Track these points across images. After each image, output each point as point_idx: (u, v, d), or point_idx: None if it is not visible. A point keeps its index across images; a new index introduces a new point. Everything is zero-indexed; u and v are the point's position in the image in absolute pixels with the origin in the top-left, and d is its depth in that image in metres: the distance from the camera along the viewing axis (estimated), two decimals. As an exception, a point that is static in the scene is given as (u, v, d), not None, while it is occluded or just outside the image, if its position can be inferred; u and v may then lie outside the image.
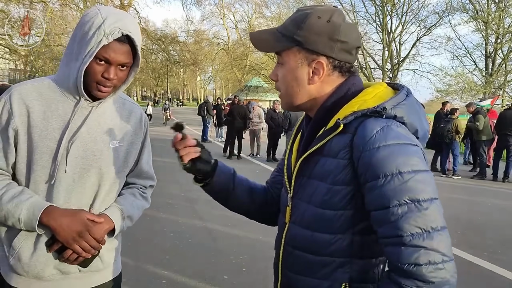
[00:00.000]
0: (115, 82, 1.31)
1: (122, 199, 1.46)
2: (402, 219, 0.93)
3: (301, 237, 1.11)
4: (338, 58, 1.08)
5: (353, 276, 1.06)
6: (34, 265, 1.30)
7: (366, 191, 0.99)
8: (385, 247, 0.97)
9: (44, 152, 1.28)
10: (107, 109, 1.39)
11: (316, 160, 1.08)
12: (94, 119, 1.35)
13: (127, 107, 1.47)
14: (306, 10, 1.10)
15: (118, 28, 1.24)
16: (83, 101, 1.33)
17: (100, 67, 1.27)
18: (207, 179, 1.28)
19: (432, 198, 0.95)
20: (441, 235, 0.93)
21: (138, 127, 1.48)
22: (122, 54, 1.27)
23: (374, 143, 0.97)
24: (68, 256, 1.29)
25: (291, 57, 1.10)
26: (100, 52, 1.24)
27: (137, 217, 1.50)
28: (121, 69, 1.30)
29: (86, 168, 1.33)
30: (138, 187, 1.55)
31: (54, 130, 1.30)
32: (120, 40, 1.25)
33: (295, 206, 1.14)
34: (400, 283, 0.93)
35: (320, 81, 1.10)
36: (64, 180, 1.30)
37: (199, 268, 3.97)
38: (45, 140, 1.29)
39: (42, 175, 1.29)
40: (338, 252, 1.06)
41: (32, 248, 1.30)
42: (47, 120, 1.29)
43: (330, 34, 1.06)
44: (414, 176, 0.95)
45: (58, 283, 1.35)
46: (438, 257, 0.91)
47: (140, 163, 1.53)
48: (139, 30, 1.32)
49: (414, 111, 1.08)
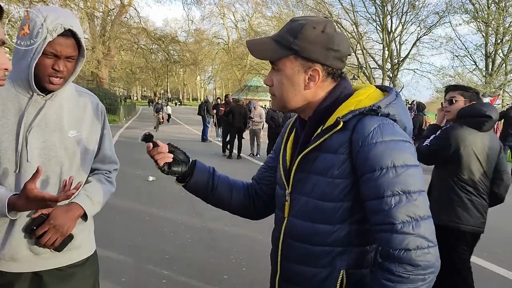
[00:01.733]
0: (65, 74, 1.42)
1: (90, 186, 1.58)
2: (394, 208, 1.03)
3: (301, 229, 1.18)
4: (331, 65, 1.17)
5: (350, 263, 1.14)
6: (8, 249, 1.42)
7: (363, 182, 1.08)
8: (378, 233, 1.07)
9: (7, 146, 1.40)
10: (63, 102, 1.50)
11: (315, 156, 1.16)
12: (51, 111, 1.46)
13: (82, 98, 1.59)
14: (300, 21, 1.17)
15: (60, 24, 1.34)
16: (36, 96, 1.43)
17: (49, 60, 1.37)
18: (187, 178, 1.36)
19: (421, 190, 1.06)
20: (426, 223, 1.04)
21: (95, 116, 1.60)
22: (67, 47, 1.39)
23: (372, 139, 1.07)
24: (46, 240, 1.42)
25: (287, 65, 1.17)
26: (47, 48, 1.35)
27: (105, 201, 1.63)
28: (69, 60, 1.42)
29: (47, 158, 1.45)
30: (103, 173, 1.67)
31: (13, 124, 1.41)
32: (63, 35, 1.37)
33: (294, 201, 1.21)
34: (392, 270, 1.03)
35: (315, 86, 1.19)
36: (28, 170, 1.39)
37: (199, 268, 3.97)
38: (6, 135, 1.40)
39: (8, 167, 1.41)
40: (337, 242, 1.14)
41: (4, 232, 1.42)
42: (5, 117, 1.41)
43: (324, 44, 1.14)
44: (406, 170, 1.05)
45: (32, 263, 1.47)
46: (424, 243, 1.02)
47: (103, 149, 1.65)
48: (79, 23, 1.43)
49: (403, 109, 1.18)
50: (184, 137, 17.56)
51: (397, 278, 1.02)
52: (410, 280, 1.01)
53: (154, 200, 6.28)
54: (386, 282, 1.03)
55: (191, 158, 1.39)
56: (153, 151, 1.30)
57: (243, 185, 1.45)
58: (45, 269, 1.49)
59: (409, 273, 1.01)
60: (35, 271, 1.48)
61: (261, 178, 1.44)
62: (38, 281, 1.49)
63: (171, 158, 1.31)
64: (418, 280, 1.01)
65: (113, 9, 25.93)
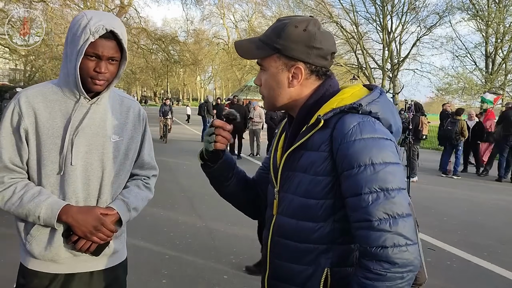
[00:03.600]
0: (108, 76, 1.44)
1: (127, 192, 1.58)
2: (372, 205, 1.03)
3: (287, 226, 1.20)
4: (314, 63, 1.18)
5: (334, 262, 1.15)
6: (49, 250, 1.45)
7: (343, 179, 1.09)
8: (356, 231, 1.07)
9: (52, 149, 1.43)
10: (107, 106, 1.52)
11: (300, 155, 1.17)
12: (95, 115, 1.48)
13: (125, 103, 1.60)
14: (284, 21, 1.20)
15: (102, 25, 1.37)
16: (82, 99, 1.45)
17: (91, 62, 1.40)
18: (213, 162, 1.37)
19: (400, 188, 1.06)
20: (405, 221, 1.03)
21: (137, 122, 1.61)
22: (109, 48, 1.40)
23: (351, 136, 1.08)
24: (81, 246, 1.44)
25: (272, 64, 1.20)
26: (89, 49, 1.37)
27: (141, 207, 1.64)
28: (111, 62, 1.43)
29: (89, 162, 1.47)
30: (141, 178, 1.68)
31: (59, 128, 1.44)
32: (105, 37, 1.38)
33: (282, 199, 1.23)
34: (369, 267, 1.03)
35: (299, 84, 1.20)
36: (71, 173, 1.44)
37: (199, 268, 3.97)
38: (51, 138, 1.43)
39: (51, 169, 1.44)
40: (321, 239, 1.15)
41: (47, 235, 1.45)
42: (52, 119, 1.44)
43: (306, 42, 1.16)
44: (385, 168, 1.05)
45: (71, 265, 1.50)
46: (402, 240, 1.02)
47: (142, 155, 1.65)
48: (122, 26, 1.45)
49: (387, 107, 1.18)
50: (184, 137, 17.57)
51: (374, 276, 1.02)
52: (388, 278, 1.01)
53: (154, 200, 6.27)
54: (364, 280, 1.04)
55: (197, 158, 1.42)
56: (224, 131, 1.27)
57: (254, 183, 1.47)
58: (81, 272, 1.51)
59: (387, 270, 1.01)
60: (71, 273, 1.50)
61: (259, 179, 1.45)
62: (71, 282, 1.50)
63: (224, 146, 1.31)
64: (396, 278, 1.01)
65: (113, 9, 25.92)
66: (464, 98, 25.49)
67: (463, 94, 25.46)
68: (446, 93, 26.75)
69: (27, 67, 26.38)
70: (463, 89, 25.23)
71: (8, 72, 39.31)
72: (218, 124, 1.28)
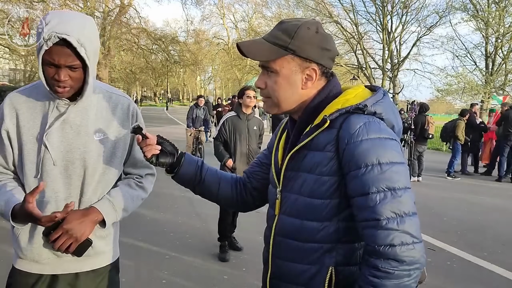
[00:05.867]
0: (70, 83, 1.36)
1: (115, 191, 1.53)
2: (379, 204, 1.04)
3: (291, 226, 1.20)
4: (325, 65, 1.20)
5: (339, 260, 1.16)
6: (31, 250, 1.44)
7: (349, 179, 1.10)
8: (363, 230, 1.08)
9: (31, 148, 1.42)
10: (90, 104, 1.47)
11: (304, 155, 1.18)
12: (74, 115, 1.44)
13: (113, 100, 1.54)
14: (294, 22, 1.19)
15: (55, 32, 1.27)
16: (59, 101, 1.42)
17: (51, 70, 1.33)
18: (175, 169, 1.40)
19: (406, 187, 1.07)
20: (411, 220, 1.05)
21: (125, 118, 1.54)
22: (66, 56, 1.31)
23: (358, 137, 1.09)
24: (59, 245, 1.39)
25: (284, 65, 1.18)
26: (46, 57, 1.31)
27: (133, 207, 1.57)
28: (73, 70, 1.34)
29: (70, 161, 1.43)
30: (134, 177, 1.62)
31: (38, 128, 1.42)
32: (60, 44, 1.29)
33: (284, 198, 1.23)
34: (377, 265, 1.04)
35: (312, 86, 1.21)
36: (51, 173, 1.42)
37: (199, 268, 3.97)
38: (31, 138, 1.42)
39: (31, 169, 1.42)
40: (325, 238, 1.15)
41: (28, 234, 1.44)
42: (33, 120, 1.43)
43: (319, 44, 1.18)
44: (391, 167, 1.07)
45: (55, 266, 1.47)
46: (409, 239, 1.03)
47: (134, 153, 1.59)
48: (83, 30, 1.33)
49: (390, 108, 1.20)
50: (184, 137, 17.55)
51: (382, 274, 1.03)
52: (396, 276, 1.03)
53: (154, 200, 6.27)
54: (372, 278, 1.05)
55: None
56: (142, 143, 1.34)
57: (231, 179, 1.49)
58: (65, 273, 1.48)
59: (395, 268, 1.02)
60: (55, 274, 1.48)
61: (251, 173, 1.46)
62: (56, 284, 1.48)
63: (159, 150, 1.35)
64: (404, 276, 1.03)
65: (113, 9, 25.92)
66: (465, 99, 25.46)
67: (463, 95, 25.44)
68: (446, 94, 26.72)
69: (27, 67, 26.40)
70: (463, 89, 25.21)
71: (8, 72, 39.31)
72: (138, 144, 1.36)
